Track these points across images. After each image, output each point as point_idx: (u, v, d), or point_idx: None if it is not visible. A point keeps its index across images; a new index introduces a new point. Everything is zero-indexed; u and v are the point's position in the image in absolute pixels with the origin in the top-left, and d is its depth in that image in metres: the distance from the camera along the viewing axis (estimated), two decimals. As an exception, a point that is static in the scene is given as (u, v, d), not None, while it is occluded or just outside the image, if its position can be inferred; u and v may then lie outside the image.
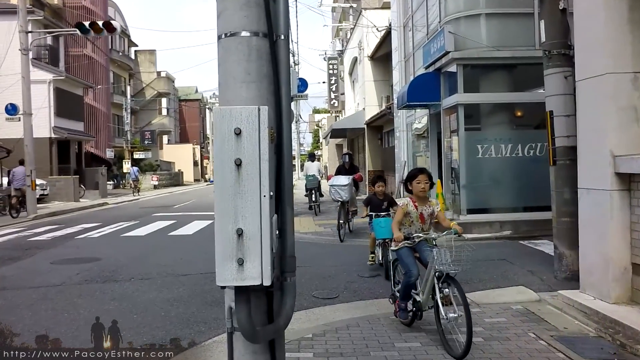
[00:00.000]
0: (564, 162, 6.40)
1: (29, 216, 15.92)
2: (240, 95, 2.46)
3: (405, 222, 4.60)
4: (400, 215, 4.56)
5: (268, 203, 2.14)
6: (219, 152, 2.13)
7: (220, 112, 2.14)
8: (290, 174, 2.58)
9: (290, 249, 2.57)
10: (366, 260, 7.88)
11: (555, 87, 6.45)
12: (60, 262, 8.18)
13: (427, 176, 4.52)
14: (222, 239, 2.13)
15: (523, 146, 10.06)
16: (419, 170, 4.59)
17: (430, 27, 12.10)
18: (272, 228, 2.20)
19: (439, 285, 4.12)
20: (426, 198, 4.59)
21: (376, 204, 7.09)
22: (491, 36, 10.08)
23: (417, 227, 4.57)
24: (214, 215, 2.16)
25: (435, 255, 4.12)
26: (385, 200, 7.11)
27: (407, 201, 4.57)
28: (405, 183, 4.65)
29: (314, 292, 6.08)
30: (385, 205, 7.05)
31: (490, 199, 10.21)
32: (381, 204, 7.05)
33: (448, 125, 11.00)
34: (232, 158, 2.12)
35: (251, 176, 2.13)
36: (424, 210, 4.55)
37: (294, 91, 14.17)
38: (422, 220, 4.55)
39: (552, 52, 6.41)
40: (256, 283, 2.13)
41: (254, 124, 2.13)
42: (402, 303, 4.58)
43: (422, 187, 4.45)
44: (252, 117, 2.13)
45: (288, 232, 2.56)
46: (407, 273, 4.40)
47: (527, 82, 10.44)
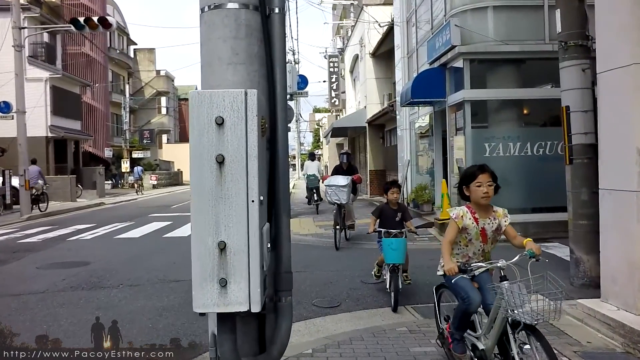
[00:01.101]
0: (581, 160, 6.00)
1: (22, 216, 15.52)
2: (226, 79, 2.06)
3: (460, 240, 3.36)
4: (452, 232, 3.31)
5: (257, 210, 1.74)
6: (197, 146, 1.73)
7: (197, 97, 1.73)
8: (287, 174, 2.18)
9: (286, 263, 2.16)
10: (368, 265, 7.46)
11: (571, 80, 6.04)
12: (47, 266, 7.78)
13: (491, 176, 3.27)
14: (200, 255, 1.73)
15: (532, 144, 9.66)
16: (479, 169, 3.30)
17: (435, 21, 11.70)
18: (263, 240, 1.80)
19: (514, 335, 2.96)
20: (489, 207, 3.36)
21: (388, 215, 5.78)
22: (499, 30, 9.68)
23: (476, 248, 3.37)
24: (190, 225, 1.75)
25: (506, 294, 2.95)
26: (400, 211, 5.82)
27: (463, 211, 3.32)
28: (460, 187, 3.40)
29: (314, 301, 5.69)
30: (398, 217, 5.76)
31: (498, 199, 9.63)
32: (394, 215, 5.77)
33: (454, 123, 10.59)
34: (213, 154, 1.72)
35: (236, 177, 1.72)
36: (487, 224, 3.33)
37: (294, 88, 13.76)
38: (484, 238, 3.34)
39: (568, 43, 6.01)
40: (242, 309, 1.73)
41: (239, 111, 1.72)
42: (457, 333, 3.45)
43: (484, 191, 3.23)
44: (237, 103, 1.72)
45: (283, 243, 2.16)
46: (466, 299, 3.22)
47: (537, 77, 10.06)
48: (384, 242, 5.47)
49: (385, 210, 5.84)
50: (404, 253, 5.40)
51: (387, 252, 5.42)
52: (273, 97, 2.12)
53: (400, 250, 5.34)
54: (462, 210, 3.33)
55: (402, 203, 6.15)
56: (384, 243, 5.47)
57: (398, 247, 5.36)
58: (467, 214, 3.32)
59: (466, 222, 3.29)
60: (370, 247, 8.89)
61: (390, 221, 5.69)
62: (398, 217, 5.75)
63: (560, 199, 9.52)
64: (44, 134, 24.52)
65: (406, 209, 5.95)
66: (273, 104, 2.12)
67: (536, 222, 9.44)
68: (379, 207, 5.94)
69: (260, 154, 1.78)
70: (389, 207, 5.85)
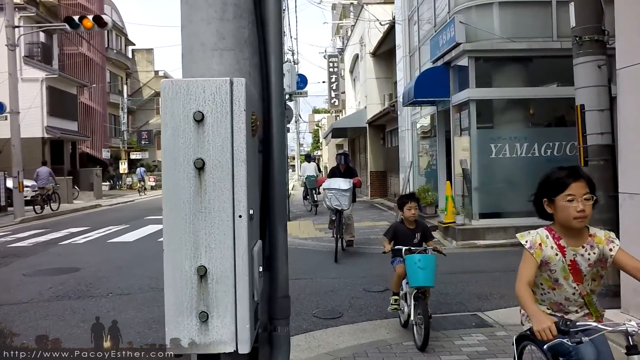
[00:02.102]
0: (597, 162, 5.66)
1: (16, 219, 15.19)
2: (210, 68, 1.73)
3: (541, 282, 2.34)
4: (528, 270, 2.26)
5: (246, 226, 1.40)
6: (170, 149, 1.39)
7: (171, 87, 1.40)
8: (283, 181, 1.84)
9: (283, 285, 1.83)
10: (370, 271, 7.15)
11: (586, 77, 5.71)
12: (34, 273, 7.43)
13: (588, 184, 2.20)
14: (174, 283, 1.39)
15: (540, 145, 9.35)
16: (572, 174, 2.22)
17: (438, 18, 11.38)
18: (254, 263, 1.46)
19: None
20: (584, 230, 2.28)
21: (405, 235, 4.62)
22: (505, 27, 9.38)
23: (568, 292, 2.28)
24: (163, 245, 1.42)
25: None
26: (418, 230, 4.67)
27: (543, 236, 2.30)
28: (538, 199, 2.37)
29: (314, 311, 5.36)
30: (417, 238, 4.63)
31: (505, 202, 9.49)
32: (412, 236, 4.61)
33: (458, 123, 10.26)
34: (190, 158, 1.39)
35: (219, 186, 1.39)
36: (581, 255, 2.25)
37: (293, 88, 13.45)
38: (577, 276, 2.25)
39: (583, 38, 5.67)
40: (227, 350, 1.39)
41: (223, 105, 1.39)
42: None
43: (579, 209, 2.16)
44: (220, 95, 1.39)
45: (279, 263, 1.83)
46: None
47: (544, 76, 9.75)
48: (408, 260, 4.26)
49: (400, 230, 4.66)
50: (434, 272, 4.28)
51: (412, 272, 4.21)
52: (267, 89, 1.79)
53: (430, 269, 4.19)
54: (540, 236, 2.30)
55: (421, 220, 4.85)
56: (408, 261, 4.26)
57: (427, 265, 4.19)
58: (548, 238, 2.28)
59: (547, 254, 2.26)
60: (372, 252, 8.58)
61: (407, 243, 4.51)
62: (417, 238, 4.62)
63: (569, 201, 9.26)
64: (40, 135, 24.16)
65: (427, 227, 4.80)
66: (267, 97, 1.79)
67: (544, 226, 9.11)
68: (393, 227, 4.76)
69: (250, 158, 1.45)
70: (404, 226, 4.67)
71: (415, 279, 4.20)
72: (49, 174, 17.54)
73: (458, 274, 6.84)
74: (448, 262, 7.83)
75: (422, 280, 4.17)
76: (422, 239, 4.66)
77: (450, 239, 9.38)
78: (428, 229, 4.82)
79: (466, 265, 7.46)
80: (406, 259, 4.31)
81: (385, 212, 15.42)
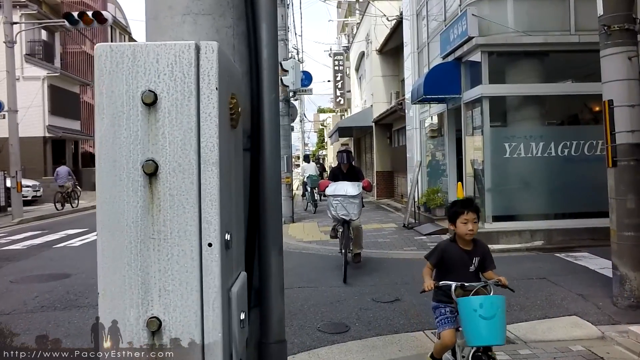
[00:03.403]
0: (627, 163, 5.20)
1: (13, 220, 14.84)
2: (180, 39, 1.29)
3: None
4: None
5: (218, 258, 0.96)
6: (108, 146, 0.96)
7: (109, 55, 0.97)
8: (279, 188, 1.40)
9: (277, 328, 1.39)
10: (379, 279, 6.69)
11: (615, 70, 5.25)
12: (22, 279, 7.02)
13: None
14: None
15: (556, 144, 8.88)
16: None
17: (449, 12, 10.92)
18: (231, 310, 1.02)
19: None
20: None
21: (457, 260, 3.19)
22: (520, 20, 8.92)
23: None
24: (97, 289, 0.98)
25: None
26: (477, 254, 3.21)
27: None
28: None
29: (319, 325, 4.93)
30: (474, 264, 3.20)
31: (519, 204, 9.02)
32: (467, 262, 3.19)
33: (470, 121, 9.80)
34: (137, 160, 0.95)
35: (180, 200, 0.95)
36: None
37: (297, 85, 13.01)
38: None
39: (612, 27, 5.20)
40: None
41: (186, 81, 0.95)
42: None
43: None
44: (182, 67, 0.95)
45: (272, 298, 1.38)
46: None
47: (561, 71, 9.31)
48: (463, 306, 2.84)
49: (451, 253, 3.22)
50: (504, 323, 2.91)
51: (471, 325, 2.80)
52: (256, 66, 1.35)
53: (498, 319, 2.76)
54: None
55: (480, 240, 3.33)
56: (463, 307, 2.84)
57: (494, 312, 2.74)
58: None
59: None
60: (380, 257, 8.14)
61: (460, 271, 3.14)
62: (474, 266, 3.19)
63: (587, 203, 8.80)
64: (41, 134, 23.86)
65: (488, 251, 3.29)
66: (256, 77, 1.35)
67: (561, 230, 8.69)
68: (440, 248, 3.27)
69: (226, 158, 1.01)
70: (457, 247, 3.21)
71: (475, 335, 2.79)
72: (67, 173, 18.50)
73: (473, 282, 6.38)
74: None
75: (487, 337, 2.77)
76: (480, 267, 3.23)
77: (462, 243, 8.92)
78: (489, 253, 3.28)
79: (480, 272, 7.00)
80: (460, 304, 2.88)
81: (392, 213, 14.97)
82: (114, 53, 0.95)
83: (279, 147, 1.42)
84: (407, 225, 11.28)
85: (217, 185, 0.94)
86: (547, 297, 5.64)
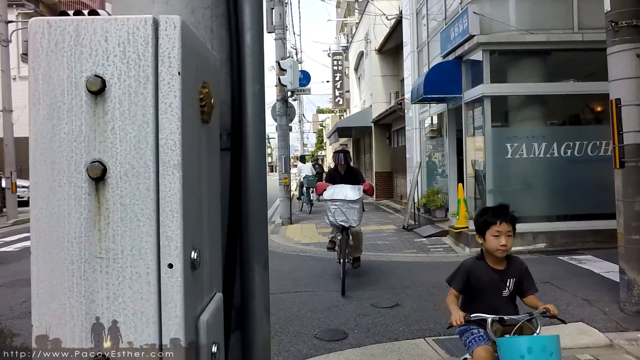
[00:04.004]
0: (635, 164, 5.03)
1: (8, 221, 14.67)
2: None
3: None
4: None
5: (181, 282, 0.78)
6: (45, 143, 0.78)
7: (47, 31, 0.78)
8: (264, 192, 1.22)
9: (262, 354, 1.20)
10: (378, 283, 6.51)
11: (623, 68, 5.07)
12: (11, 283, 6.84)
13: None
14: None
15: (559, 145, 8.70)
16: None
17: (449, 11, 10.74)
18: (199, 343, 0.84)
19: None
20: None
21: (487, 284, 2.63)
22: (522, 18, 8.74)
23: None
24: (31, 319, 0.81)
25: None
26: (513, 274, 2.64)
27: None
28: None
29: (316, 332, 4.75)
30: (509, 287, 2.62)
31: (521, 206, 8.80)
32: (501, 286, 2.62)
33: (471, 121, 9.62)
34: (81, 160, 0.77)
35: (133, 211, 0.77)
36: None
37: (295, 84, 12.82)
38: None
39: (620, 23, 5.03)
40: None
41: (140, 63, 0.78)
42: None
43: None
44: (136, 46, 0.78)
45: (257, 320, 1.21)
46: None
47: (564, 71, 9.13)
48: (505, 348, 2.23)
49: (478, 273, 2.62)
50: None
51: None
52: (237, 52, 1.17)
53: None
54: None
55: (517, 257, 2.74)
56: (505, 350, 2.22)
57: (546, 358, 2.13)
58: None
59: None
60: (379, 260, 7.95)
61: (492, 297, 2.59)
62: (508, 289, 2.60)
63: (590, 205, 8.63)
64: (38, 134, 23.66)
65: (526, 270, 2.67)
66: (237, 64, 1.17)
67: (564, 232, 8.51)
68: (464, 269, 2.66)
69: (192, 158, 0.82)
70: (486, 266, 2.62)
71: None
72: None
73: (475, 286, 6.20)
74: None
75: None
76: (516, 290, 2.60)
77: (463, 245, 8.75)
78: (528, 273, 2.65)
79: (483, 275, 6.82)
80: (501, 347, 2.26)
81: (391, 214, 14.80)
82: (53, 30, 0.77)
83: (263, 146, 1.24)
84: (406, 227, 11.10)
85: (179, 192, 0.77)
86: (551, 302, 5.35)
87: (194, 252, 0.82)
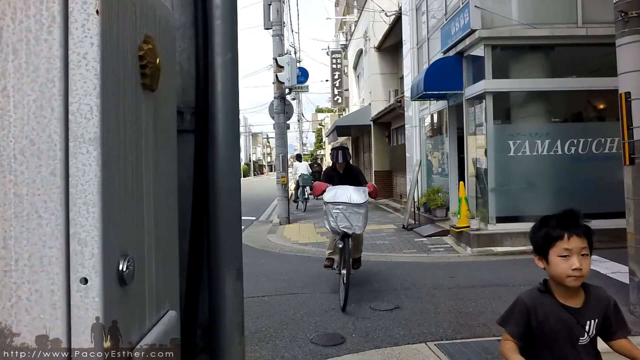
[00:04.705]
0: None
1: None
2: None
3: None
4: None
5: (100, 305, 0.57)
6: None
7: None
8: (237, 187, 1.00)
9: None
10: (378, 285, 6.29)
11: (633, 60, 4.86)
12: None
13: None
14: None
15: (563, 142, 8.50)
16: None
17: (450, 5, 10.53)
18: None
19: None
20: None
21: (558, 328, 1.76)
22: (525, 12, 8.56)
23: None
24: None
25: None
26: (593, 313, 1.77)
27: None
28: None
29: (312, 336, 4.54)
30: (589, 331, 1.75)
31: (524, 205, 8.63)
32: (577, 331, 1.76)
33: (472, 118, 9.42)
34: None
35: (31, 203, 0.55)
36: None
37: (294, 82, 12.61)
38: None
39: (629, 14, 4.81)
40: None
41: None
42: None
43: None
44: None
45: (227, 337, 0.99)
46: None
47: (568, 66, 8.93)
48: None
49: (544, 313, 1.80)
50: None
51: None
52: (204, 14, 0.95)
53: None
54: None
55: (597, 287, 1.86)
56: None
57: None
58: None
59: None
60: (379, 261, 7.74)
61: (565, 345, 1.77)
62: (588, 335, 1.76)
63: (595, 204, 8.39)
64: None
65: (613, 305, 1.82)
66: (204, 29, 0.95)
67: (568, 231, 8.29)
68: (523, 307, 1.82)
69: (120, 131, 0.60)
70: (554, 302, 1.80)
71: None
72: None
73: (477, 287, 6.00)
74: (465, 272, 7.02)
75: None
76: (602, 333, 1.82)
77: (465, 245, 8.54)
78: (617, 309, 1.83)
79: (485, 276, 6.62)
80: None
81: (390, 213, 14.60)
82: None
83: (236, 128, 1.02)
84: (406, 227, 10.89)
85: (96, 177, 0.54)
86: (557, 304, 5.25)
87: (124, 261, 0.59)
